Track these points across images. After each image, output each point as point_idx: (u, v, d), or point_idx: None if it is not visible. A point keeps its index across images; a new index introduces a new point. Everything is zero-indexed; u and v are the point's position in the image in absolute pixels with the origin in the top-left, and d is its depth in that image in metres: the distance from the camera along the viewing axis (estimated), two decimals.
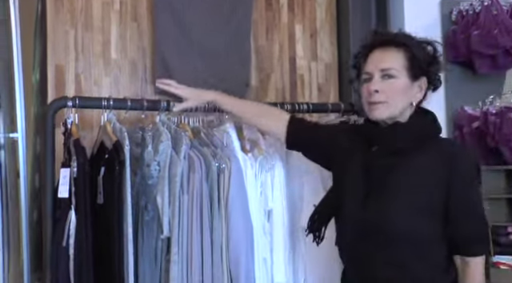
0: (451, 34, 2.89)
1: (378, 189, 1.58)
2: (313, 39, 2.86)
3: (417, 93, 1.63)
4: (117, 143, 1.93)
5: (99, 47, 2.46)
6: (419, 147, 1.60)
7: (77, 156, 1.87)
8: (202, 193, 1.95)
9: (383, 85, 1.59)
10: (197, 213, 1.93)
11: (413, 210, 1.54)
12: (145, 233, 1.99)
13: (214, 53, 2.54)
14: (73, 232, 1.83)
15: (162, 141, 1.99)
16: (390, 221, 1.54)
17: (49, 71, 2.39)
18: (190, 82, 2.46)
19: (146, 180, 2.00)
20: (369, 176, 1.61)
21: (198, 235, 1.93)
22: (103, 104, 2.05)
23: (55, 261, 1.84)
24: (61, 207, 1.89)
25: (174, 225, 1.90)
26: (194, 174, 1.95)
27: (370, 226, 1.57)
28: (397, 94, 1.59)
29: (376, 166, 1.61)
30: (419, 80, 1.63)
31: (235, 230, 1.97)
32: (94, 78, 2.45)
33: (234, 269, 1.96)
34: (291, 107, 2.34)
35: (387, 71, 1.60)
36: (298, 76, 2.81)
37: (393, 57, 1.60)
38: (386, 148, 1.63)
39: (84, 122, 2.35)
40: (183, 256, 1.90)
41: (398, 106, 1.60)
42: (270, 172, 2.12)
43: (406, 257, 1.55)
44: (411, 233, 1.54)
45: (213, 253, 1.95)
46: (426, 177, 1.57)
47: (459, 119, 2.89)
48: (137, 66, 2.51)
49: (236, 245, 1.96)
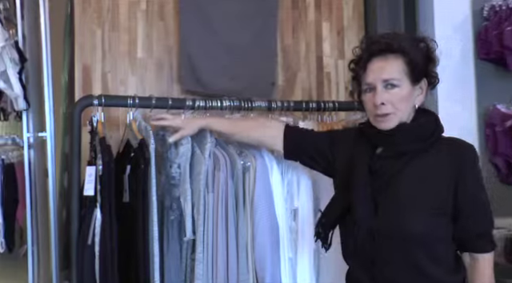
0: (483, 31, 2.82)
1: (387, 192, 1.57)
2: (340, 37, 2.82)
3: (419, 95, 1.62)
4: (142, 141, 1.93)
5: (125, 46, 2.47)
6: (425, 147, 1.59)
7: (102, 154, 1.87)
8: (227, 192, 1.93)
9: (388, 96, 1.57)
10: (222, 211, 1.92)
11: (425, 212, 1.54)
12: (170, 233, 1.99)
13: (239, 52, 2.53)
14: (98, 230, 1.84)
15: (182, 144, 1.98)
16: (403, 225, 1.53)
17: (76, 70, 2.41)
18: (216, 80, 2.49)
19: (170, 180, 1.99)
20: (376, 179, 1.59)
21: (223, 234, 1.91)
22: (129, 102, 2.05)
23: (81, 260, 1.85)
24: (86, 205, 1.90)
25: (199, 223, 1.89)
26: (219, 173, 1.93)
27: (383, 230, 1.55)
28: (402, 103, 1.58)
29: (383, 169, 1.59)
30: (420, 82, 1.62)
31: (261, 229, 1.95)
32: (121, 78, 2.46)
33: (259, 268, 1.94)
34: (317, 105, 2.32)
35: (390, 81, 1.57)
36: (325, 74, 2.78)
37: (393, 65, 1.58)
38: (392, 150, 1.61)
39: (110, 122, 2.36)
40: (208, 255, 1.89)
41: (405, 113, 1.59)
42: (297, 170, 2.08)
43: (420, 259, 1.53)
44: (425, 235, 1.53)
45: (238, 253, 1.93)
46: (435, 178, 1.56)
47: (491, 118, 2.82)
48: (163, 65, 2.52)
49: (261, 244, 1.94)
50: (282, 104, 2.27)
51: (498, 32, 2.74)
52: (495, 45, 2.76)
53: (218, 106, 2.15)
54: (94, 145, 1.97)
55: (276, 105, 2.25)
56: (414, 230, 1.52)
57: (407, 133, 1.59)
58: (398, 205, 1.55)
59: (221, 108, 2.16)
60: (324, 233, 1.68)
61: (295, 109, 2.32)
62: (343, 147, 1.75)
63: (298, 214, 2.11)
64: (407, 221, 1.53)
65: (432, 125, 1.62)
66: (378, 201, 1.57)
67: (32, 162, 2.70)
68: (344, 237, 1.67)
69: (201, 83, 2.48)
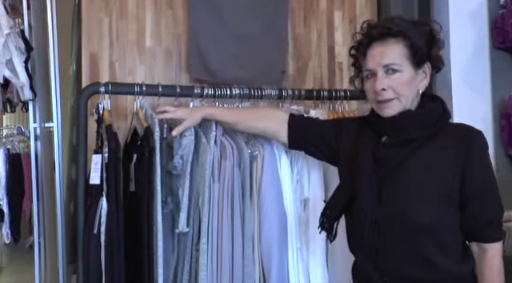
0: (499, 19, 2.74)
1: (393, 180, 1.52)
2: (352, 26, 2.77)
3: (422, 80, 1.56)
4: (147, 129, 1.89)
5: (134, 35, 2.43)
6: (431, 134, 1.53)
7: (108, 141, 1.83)
8: (234, 181, 1.88)
9: (389, 81, 1.52)
10: (228, 201, 1.87)
11: (432, 201, 1.48)
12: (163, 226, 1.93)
13: (249, 40, 2.49)
14: (104, 219, 1.80)
15: (185, 136, 1.92)
16: (409, 214, 1.48)
17: (83, 59, 2.38)
18: (225, 69, 2.45)
19: (172, 170, 1.94)
20: (381, 167, 1.54)
21: (229, 224, 1.87)
22: (136, 90, 2.00)
23: (87, 249, 1.81)
24: (92, 194, 1.86)
25: (204, 214, 1.84)
26: (226, 161, 1.89)
27: (390, 220, 1.51)
28: (404, 88, 1.52)
29: (388, 157, 1.54)
30: (423, 66, 1.55)
31: (268, 220, 1.90)
32: (129, 67, 2.42)
33: (266, 260, 1.88)
34: (328, 94, 2.27)
35: (390, 66, 1.52)
36: (337, 64, 2.73)
37: (393, 50, 1.52)
38: (397, 138, 1.55)
39: (118, 111, 2.33)
40: (213, 246, 1.84)
41: (408, 99, 1.53)
42: (307, 159, 2.03)
43: (428, 248, 1.49)
44: (433, 224, 1.48)
45: (244, 244, 1.88)
46: (442, 165, 1.50)
47: (507, 108, 2.74)
48: (171, 54, 2.48)
49: (268, 235, 1.89)
50: (292, 92, 2.21)
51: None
52: (511, 34, 2.68)
53: (228, 94, 2.10)
54: (101, 133, 1.93)
55: (287, 94, 2.19)
56: (421, 219, 1.47)
57: (412, 120, 1.53)
58: (403, 193, 1.51)
59: (230, 96, 2.11)
60: (329, 224, 1.63)
61: (306, 98, 2.27)
62: (347, 136, 1.70)
63: (309, 204, 2.05)
64: (413, 210, 1.48)
65: (438, 110, 1.57)
66: (384, 190, 1.52)
67: (39, 153, 2.67)
68: (349, 227, 1.62)
69: (209, 72, 2.44)
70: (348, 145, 1.67)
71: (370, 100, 1.59)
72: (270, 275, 1.89)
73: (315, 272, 2.05)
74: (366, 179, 1.53)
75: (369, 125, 1.63)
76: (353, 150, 1.62)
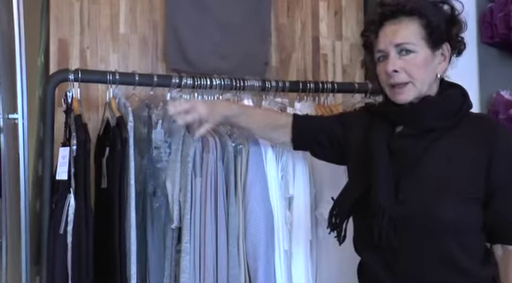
0: (488, 13, 2.66)
1: (411, 174, 1.39)
2: (337, 17, 2.68)
3: (441, 62, 1.42)
4: (120, 119, 1.74)
5: (107, 21, 2.29)
6: (451, 125, 1.39)
7: (77, 133, 1.68)
8: (217, 176, 1.75)
9: (402, 62, 1.39)
10: (211, 198, 1.73)
11: (456, 196, 1.35)
12: (154, 222, 1.80)
13: (231, 28, 2.38)
14: (71, 218, 1.65)
15: (174, 122, 1.78)
16: (433, 210, 1.34)
17: (51, 45, 2.23)
18: (206, 59, 2.32)
19: (155, 163, 1.80)
20: (397, 161, 1.41)
21: (212, 223, 1.73)
22: (108, 78, 1.85)
23: (52, 251, 1.66)
24: (59, 190, 1.71)
25: (186, 211, 1.70)
26: (208, 155, 1.75)
27: (409, 217, 1.37)
28: (419, 70, 1.38)
29: (404, 149, 1.41)
30: (441, 47, 1.42)
31: (254, 218, 1.77)
32: (101, 54, 2.28)
33: (252, 261, 1.75)
34: (315, 86, 2.14)
35: (403, 46, 1.39)
36: (321, 56, 2.63)
37: (407, 28, 1.40)
38: (415, 127, 1.42)
39: (89, 102, 2.20)
40: (195, 246, 1.70)
41: (424, 83, 1.39)
42: (292, 154, 1.90)
43: (451, 249, 1.35)
44: (457, 222, 1.34)
45: (228, 244, 1.75)
46: (464, 158, 1.37)
47: (495, 105, 2.66)
48: (147, 42, 2.35)
49: (255, 235, 1.76)
50: (276, 84, 2.08)
51: (505, 13, 2.58)
52: (501, 28, 2.60)
53: (208, 85, 1.97)
54: (69, 124, 1.77)
55: (270, 85, 2.06)
56: (445, 216, 1.33)
57: (433, 108, 1.40)
58: (423, 188, 1.37)
59: (210, 87, 1.97)
60: (339, 224, 1.49)
61: (291, 90, 2.14)
62: (355, 129, 1.56)
63: (294, 203, 1.92)
64: (435, 205, 1.34)
65: (459, 98, 1.43)
66: (400, 185, 1.38)
67: (2, 147, 2.48)
68: (359, 226, 1.48)
69: (188, 62, 2.31)
70: (357, 138, 1.53)
71: (383, 84, 1.45)
72: (257, 277, 1.75)
73: (299, 273, 1.92)
74: (382, 172, 1.39)
75: (380, 114, 1.49)
76: (364, 143, 1.48)
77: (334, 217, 1.51)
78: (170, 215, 1.74)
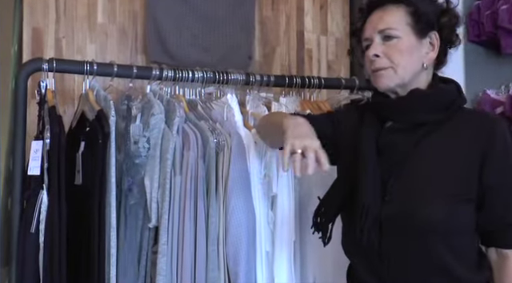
0: (475, 11, 2.63)
1: (399, 172, 1.32)
2: (323, 11, 2.62)
3: (428, 52, 1.36)
4: (100, 112, 1.65)
5: (84, 9, 2.19)
6: (443, 119, 1.34)
7: (51, 125, 1.58)
8: (198, 174, 1.66)
9: (384, 48, 1.35)
10: (190, 197, 1.65)
11: (444, 197, 1.28)
12: (128, 220, 1.70)
13: (213, 19, 2.30)
14: (44, 216, 1.55)
15: (153, 115, 1.71)
16: (419, 211, 1.28)
17: (24, 34, 2.12)
18: (187, 51, 2.25)
19: (133, 158, 1.71)
20: (386, 158, 1.34)
21: (192, 223, 1.65)
22: (85, 68, 1.76)
23: (21, 251, 1.56)
24: (30, 187, 1.61)
25: (164, 210, 1.62)
26: (189, 152, 1.67)
27: (395, 219, 1.30)
28: (402, 56, 1.33)
29: (393, 145, 1.35)
30: (428, 36, 1.36)
31: (235, 219, 1.69)
32: (78, 44, 2.17)
33: (232, 264, 1.67)
34: (301, 81, 2.07)
35: (386, 32, 1.35)
36: (306, 51, 2.57)
37: (392, 14, 1.35)
38: (404, 122, 1.36)
39: (64, 94, 2.09)
40: (173, 247, 1.62)
41: (406, 70, 1.34)
42: (276, 151, 1.83)
43: (440, 253, 1.28)
44: (446, 224, 1.27)
45: (208, 246, 1.67)
46: (456, 155, 1.31)
47: (481, 104, 2.63)
48: (126, 33, 2.25)
49: (236, 236, 1.68)
50: (261, 78, 2.01)
51: (492, 11, 2.55)
52: (488, 26, 2.56)
53: (190, 78, 1.89)
54: (42, 116, 1.67)
55: (255, 79, 1.99)
56: (432, 217, 1.26)
57: (421, 100, 1.34)
58: (411, 187, 1.30)
59: (192, 80, 1.90)
60: (324, 225, 1.41)
61: (276, 85, 2.07)
62: (345, 126, 1.49)
63: (277, 202, 1.85)
64: (423, 206, 1.27)
65: (452, 92, 1.37)
66: (388, 184, 1.32)
67: None
68: (346, 227, 1.41)
69: (169, 54, 2.22)
70: (347, 135, 1.46)
71: (368, 72, 1.40)
72: (237, 280, 1.68)
73: (281, 276, 1.85)
74: (368, 170, 1.32)
75: (369, 110, 1.43)
76: (352, 140, 1.41)
77: (320, 216, 1.43)
78: (147, 213, 1.66)
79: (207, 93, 1.96)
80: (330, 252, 1.86)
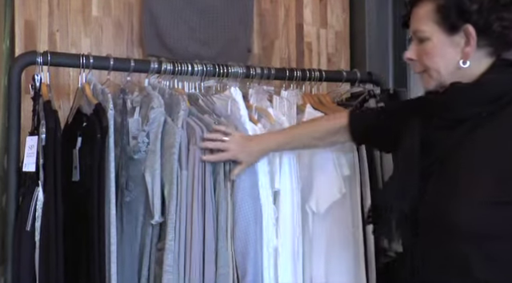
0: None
1: (440, 171, 1.27)
2: (322, 4, 2.56)
3: (465, 47, 1.25)
4: (98, 106, 1.59)
5: (78, 2, 2.11)
6: (493, 114, 1.24)
7: (46, 120, 1.53)
8: (205, 169, 1.61)
9: (418, 50, 1.31)
10: (198, 192, 1.60)
11: (484, 199, 1.20)
12: (124, 217, 1.66)
13: (211, 12, 2.24)
14: (40, 213, 1.50)
15: (153, 108, 1.65)
16: (450, 214, 1.21)
17: (17, 28, 2.06)
18: (185, 45, 2.19)
19: (132, 154, 1.66)
20: (428, 156, 1.29)
21: (200, 219, 1.60)
22: (81, 62, 1.71)
23: (17, 249, 1.52)
24: (26, 183, 1.56)
25: (171, 206, 1.56)
26: (195, 146, 1.61)
27: (428, 220, 1.26)
28: (431, 59, 1.28)
29: (435, 143, 1.29)
30: (461, 31, 1.25)
31: (243, 214, 1.64)
32: (72, 38, 2.11)
33: (241, 259, 1.63)
34: (302, 74, 2.03)
35: (417, 34, 1.30)
36: (306, 44, 2.51)
37: (420, 13, 1.29)
38: (447, 117, 1.30)
39: (59, 88, 2.03)
40: (181, 243, 1.57)
41: (440, 72, 1.28)
42: None
43: (470, 256, 1.21)
44: (480, 228, 1.20)
45: (217, 241, 1.62)
46: (499, 155, 1.22)
47: None
48: (122, 26, 2.18)
49: (244, 231, 1.64)
50: (261, 71, 1.97)
51: None
52: None
53: (189, 71, 1.84)
54: (37, 111, 1.62)
55: (255, 72, 1.95)
56: (462, 222, 1.19)
57: (461, 95, 1.26)
58: (448, 187, 1.24)
59: (192, 73, 1.85)
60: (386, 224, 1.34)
61: (277, 78, 2.03)
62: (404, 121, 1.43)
63: (280, 197, 1.81)
64: (455, 208, 1.20)
65: (503, 83, 1.26)
66: (429, 184, 1.27)
67: None
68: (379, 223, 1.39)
69: (166, 47, 2.16)
70: (402, 131, 1.40)
71: None
72: (246, 276, 1.64)
73: (285, 271, 1.81)
74: (406, 168, 1.29)
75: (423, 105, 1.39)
76: (403, 136, 1.38)
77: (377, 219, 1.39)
78: (149, 210, 1.61)
79: (206, 86, 1.91)
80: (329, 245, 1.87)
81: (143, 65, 1.80)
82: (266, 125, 1.82)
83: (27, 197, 1.54)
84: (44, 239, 1.49)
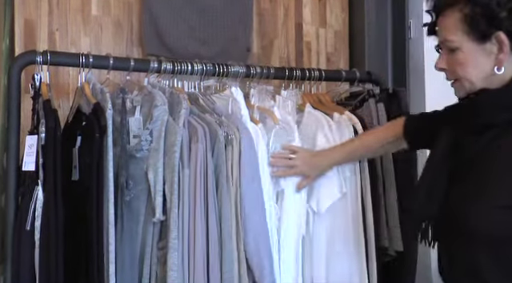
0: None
1: (463, 177, 1.27)
2: (322, 3, 2.56)
3: (498, 54, 1.24)
4: (97, 106, 1.59)
5: (77, 1, 2.11)
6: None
7: (46, 119, 1.53)
8: (207, 167, 1.61)
9: (449, 59, 1.29)
10: (200, 190, 1.59)
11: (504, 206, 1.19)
12: (125, 216, 1.65)
13: (211, 12, 2.24)
14: (39, 212, 1.50)
15: (156, 106, 1.65)
16: (468, 218, 1.22)
17: (16, 27, 2.06)
18: (185, 44, 2.19)
19: (134, 152, 1.65)
20: (456, 159, 1.30)
21: (203, 217, 1.59)
22: (81, 61, 1.70)
23: (17, 249, 1.50)
24: (25, 183, 1.55)
25: (173, 204, 1.56)
26: (197, 144, 1.61)
27: (448, 223, 1.26)
28: (463, 69, 1.27)
29: (465, 147, 1.29)
30: (492, 38, 1.24)
31: (252, 214, 1.66)
32: (72, 37, 2.11)
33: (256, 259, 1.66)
34: (301, 73, 2.03)
35: (446, 44, 1.29)
36: (305, 43, 2.52)
37: (447, 23, 1.28)
38: (472, 124, 1.30)
39: (59, 88, 2.03)
40: (184, 242, 1.57)
41: (472, 82, 1.27)
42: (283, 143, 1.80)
43: (484, 262, 1.21)
44: (497, 234, 1.20)
45: (222, 239, 1.62)
46: None
47: None
48: (122, 25, 2.18)
49: (255, 231, 1.66)
50: (261, 70, 1.97)
51: None
52: None
53: (189, 70, 1.84)
54: (37, 111, 1.62)
55: (255, 72, 1.95)
56: (479, 227, 1.19)
57: (488, 101, 1.26)
58: (469, 191, 1.24)
59: (191, 72, 1.85)
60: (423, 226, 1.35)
61: (276, 77, 2.03)
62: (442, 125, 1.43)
63: (284, 196, 1.81)
64: (473, 213, 1.20)
65: None
66: (454, 188, 1.27)
67: None
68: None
69: (166, 46, 2.17)
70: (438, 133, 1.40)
71: None
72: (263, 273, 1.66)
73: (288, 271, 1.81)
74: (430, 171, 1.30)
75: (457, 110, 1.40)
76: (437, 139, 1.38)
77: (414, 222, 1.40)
78: (150, 208, 1.60)
79: (206, 86, 1.91)
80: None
81: (143, 64, 1.80)
82: (269, 125, 1.81)
83: (27, 196, 1.54)
84: (44, 238, 1.48)
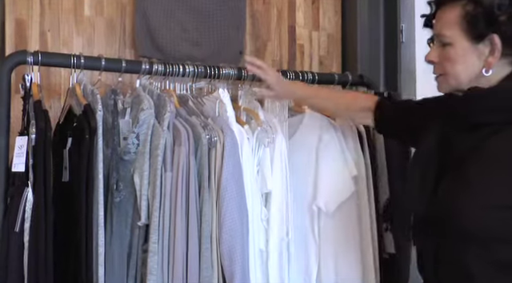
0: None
1: (451, 175, 1.26)
2: (315, 6, 2.56)
3: (489, 56, 1.25)
4: (87, 107, 1.58)
5: (70, 1, 2.10)
6: (507, 120, 1.23)
7: (36, 120, 1.52)
8: (190, 171, 1.61)
9: (441, 53, 1.30)
10: (182, 194, 1.59)
11: (496, 201, 1.19)
12: (114, 218, 1.64)
13: (204, 13, 2.23)
14: (29, 214, 1.48)
15: (143, 110, 1.65)
16: (458, 215, 1.20)
17: (7, 27, 2.04)
18: (177, 46, 2.19)
19: (122, 155, 1.65)
20: (445, 155, 1.29)
21: (183, 221, 1.59)
22: (72, 62, 1.69)
23: (5, 251, 1.49)
24: (14, 184, 1.54)
25: (154, 208, 1.56)
26: (180, 147, 1.61)
27: (436, 221, 1.25)
28: (452, 65, 1.27)
29: (453, 143, 1.29)
30: (486, 39, 1.24)
31: (229, 218, 1.63)
32: (63, 38, 2.10)
33: (227, 263, 1.62)
34: (295, 76, 2.04)
35: (440, 37, 1.30)
36: (298, 46, 2.52)
37: (445, 18, 1.28)
38: (463, 122, 1.30)
39: (50, 89, 2.03)
40: (164, 246, 1.57)
41: (458, 79, 1.28)
42: (270, 147, 1.79)
43: (471, 260, 1.20)
44: (485, 232, 1.19)
45: (201, 244, 1.61)
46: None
47: None
48: (115, 26, 2.18)
49: (230, 234, 1.62)
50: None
51: None
52: None
53: (180, 72, 1.83)
54: (27, 111, 1.60)
55: (247, 74, 1.94)
56: (470, 225, 1.18)
57: (480, 99, 1.26)
58: (458, 189, 1.23)
59: (183, 74, 1.84)
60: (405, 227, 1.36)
61: None
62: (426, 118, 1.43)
63: (271, 199, 1.81)
64: (463, 210, 1.19)
65: None
66: (440, 185, 1.26)
67: None
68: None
69: (159, 48, 2.16)
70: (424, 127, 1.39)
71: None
72: (233, 280, 1.62)
73: (274, 274, 1.82)
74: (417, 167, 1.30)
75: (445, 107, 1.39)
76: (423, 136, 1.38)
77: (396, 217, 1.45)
78: (137, 211, 1.60)
79: (198, 88, 1.91)
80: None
81: (134, 65, 1.80)
82: (253, 126, 1.81)
83: (16, 197, 1.52)
84: (33, 240, 1.47)
